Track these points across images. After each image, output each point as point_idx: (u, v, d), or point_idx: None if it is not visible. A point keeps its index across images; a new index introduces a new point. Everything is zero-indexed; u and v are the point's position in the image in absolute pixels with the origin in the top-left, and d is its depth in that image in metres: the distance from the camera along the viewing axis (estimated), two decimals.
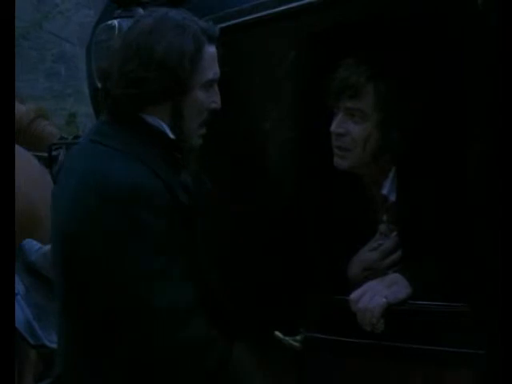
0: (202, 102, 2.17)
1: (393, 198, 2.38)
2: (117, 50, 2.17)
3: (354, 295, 2.18)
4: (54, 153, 3.98)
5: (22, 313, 3.29)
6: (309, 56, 2.42)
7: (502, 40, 1.86)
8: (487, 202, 1.93)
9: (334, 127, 2.36)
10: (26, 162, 3.90)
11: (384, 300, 2.14)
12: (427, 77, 2.33)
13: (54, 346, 3.12)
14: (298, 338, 2.32)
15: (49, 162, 3.76)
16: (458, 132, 2.09)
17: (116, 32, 2.62)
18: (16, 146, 3.70)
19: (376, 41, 2.32)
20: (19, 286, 3.29)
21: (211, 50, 2.18)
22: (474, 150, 1.98)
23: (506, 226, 1.85)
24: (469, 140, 1.99)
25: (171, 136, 2.17)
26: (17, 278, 3.26)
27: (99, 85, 2.25)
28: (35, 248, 3.49)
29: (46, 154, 4.06)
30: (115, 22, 2.63)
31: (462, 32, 2.01)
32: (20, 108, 4.49)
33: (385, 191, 2.39)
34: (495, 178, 1.89)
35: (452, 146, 2.20)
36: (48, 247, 3.44)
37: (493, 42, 1.89)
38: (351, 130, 2.34)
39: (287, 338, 2.33)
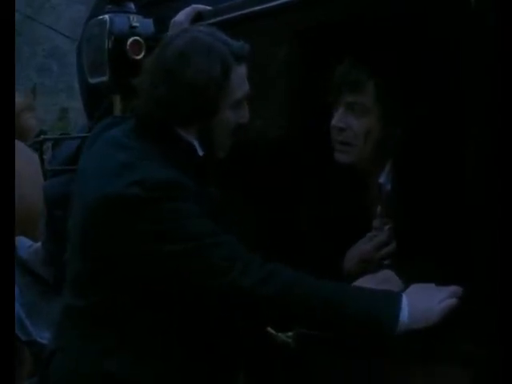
0: (230, 120, 2.22)
1: (388, 188, 2.38)
2: (147, 69, 2.20)
3: None
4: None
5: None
6: (300, 53, 2.41)
7: (500, 39, 1.86)
8: (485, 200, 1.92)
9: (334, 122, 2.36)
10: (26, 161, 3.89)
11: None
12: (423, 75, 2.32)
13: (45, 342, 3.11)
14: (291, 334, 2.32)
15: (41, 157, 3.75)
16: (455, 129, 2.09)
17: (107, 27, 2.61)
18: (19, 143, 3.70)
19: (370, 41, 2.32)
20: None
21: (240, 70, 2.21)
22: (472, 148, 1.98)
23: (505, 222, 1.85)
24: (466, 139, 1.99)
25: (200, 152, 2.22)
26: None
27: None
28: (26, 245, 3.49)
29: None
30: (106, 17, 2.62)
31: (455, 31, 2.00)
32: None
33: (381, 179, 2.39)
34: (493, 175, 1.89)
35: (450, 143, 2.19)
36: (39, 245, 3.43)
37: (491, 42, 1.88)
38: (352, 125, 2.34)
39: (280, 335, 2.33)
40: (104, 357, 2.14)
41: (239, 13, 2.45)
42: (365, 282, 2.18)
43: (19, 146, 3.85)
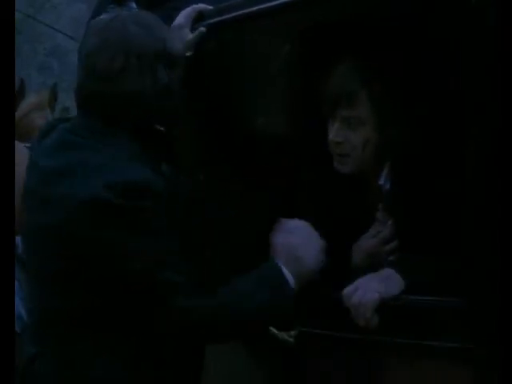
0: None
1: (388, 186, 2.41)
2: (122, 67, 2.14)
3: (347, 290, 2.18)
4: None
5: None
6: (300, 53, 2.42)
7: (500, 37, 1.86)
8: (483, 198, 1.93)
9: (332, 136, 2.38)
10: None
11: (377, 295, 2.14)
12: (420, 76, 2.33)
13: None
14: (293, 333, 2.33)
15: None
16: (454, 129, 2.10)
17: None
18: (18, 144, 3.70)
19: (367, 40, 2.32)
20: None
21: None
22: (471, 148, 1.98)
23: (504, 220, 1.85)
24: (466, 138, 1.99)
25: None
26: None
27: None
28: None
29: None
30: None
31: (454, 30, 2.01)
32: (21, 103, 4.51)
33: (381, 181, 2.41)
34: (492, 175, 1.89)
35: (448, 142, 2.20)
36: None
37: (491, 40, 1.89)
38: (350, 137, 2.36)
39: (281, 333, 2.34)
40: (91, 360, 2.12)
41: (240, 12, 2.46)
42: (368, 279, 2.19)
43: (18, 146, 3.86)
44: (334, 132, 2.37)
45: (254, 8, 2.41)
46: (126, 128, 2.16)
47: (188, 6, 2.58)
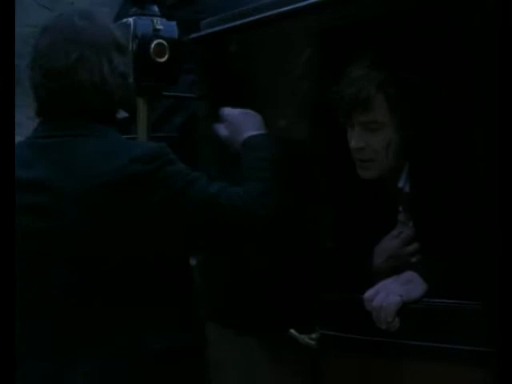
0: None
1: (407, 189, 2.40)
2: (78, 61, 2.17)
3: (368, 293, 2.18)
4: None
5: None
6: (322, 54, 2.41)
7: (500, 37, 1.85)
8: (493, 201, 1.93)
9: (353, 143, 2.35)
10: None
11: (399, 298, 2.14)
12: (435, 76, 2.32)
13: None
14: (314, 336, 2.34)
15: None
16: (464, 129, 2.10)
17: (131, 30, 2.62)
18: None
19: (384, 40, 2.32)
20: None
21: None
22: (477, 149, 1.98)
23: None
24: (473, 139, 2.00)
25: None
26: None
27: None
28: None
29: None
30: (130, 20, 2.64)
31: (456, 30, 2.02)
32: None
33: (400, 184, 2.41)
34: (496, 177, 1.89)
35: (460, 143, 2.19)
36: None
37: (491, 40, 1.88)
38: (371, 142, 2.34)
39: (302, 336, 2.35)
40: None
41: (263, 15, 2.47)
42: (389, 282, 2.19)
43: None
44: (355, 138, 2.35)
45: (272, 12, 2.43)
46: (93, 119, 2.19)
47: (209, 10, 2.60)
